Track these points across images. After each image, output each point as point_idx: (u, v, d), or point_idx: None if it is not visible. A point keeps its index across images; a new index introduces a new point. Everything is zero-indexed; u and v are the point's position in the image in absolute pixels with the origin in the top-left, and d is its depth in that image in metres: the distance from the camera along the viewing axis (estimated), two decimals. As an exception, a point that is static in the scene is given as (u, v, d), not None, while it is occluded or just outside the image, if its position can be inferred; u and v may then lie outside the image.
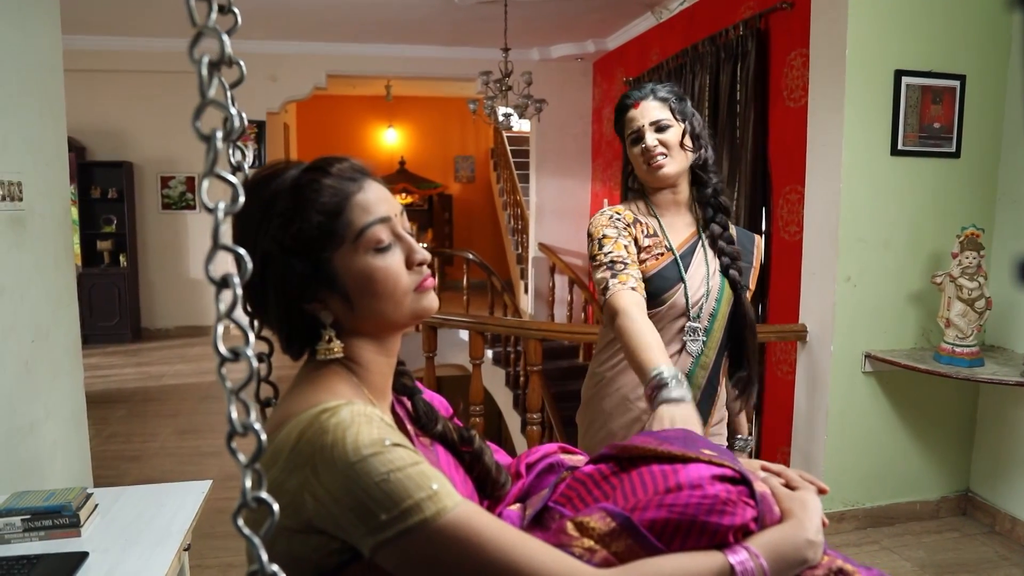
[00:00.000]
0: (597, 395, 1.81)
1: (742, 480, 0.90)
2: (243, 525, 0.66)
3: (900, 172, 3.05)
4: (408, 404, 1.04)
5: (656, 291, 1.70)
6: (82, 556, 1.60)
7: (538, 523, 0.97)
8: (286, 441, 0.79)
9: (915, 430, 3.24)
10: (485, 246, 10.46)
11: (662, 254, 1.73)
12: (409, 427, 0.99)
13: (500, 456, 1.16)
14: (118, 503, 1.93)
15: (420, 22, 6.27)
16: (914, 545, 3.08)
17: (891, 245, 3.08)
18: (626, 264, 1.63)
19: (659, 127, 1.68)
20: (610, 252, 1.65)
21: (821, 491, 1.01)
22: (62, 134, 2.54)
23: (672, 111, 1.69)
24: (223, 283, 0.67)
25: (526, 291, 8.29)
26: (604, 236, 1.68)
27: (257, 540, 0.67)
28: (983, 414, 3.30)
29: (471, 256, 7.09)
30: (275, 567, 0.68)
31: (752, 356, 1.72)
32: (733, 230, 1.79)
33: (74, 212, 6.82)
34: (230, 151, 1.00)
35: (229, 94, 0.97)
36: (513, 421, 5.99)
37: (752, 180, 4.08)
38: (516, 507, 1.05)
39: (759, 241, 1.82)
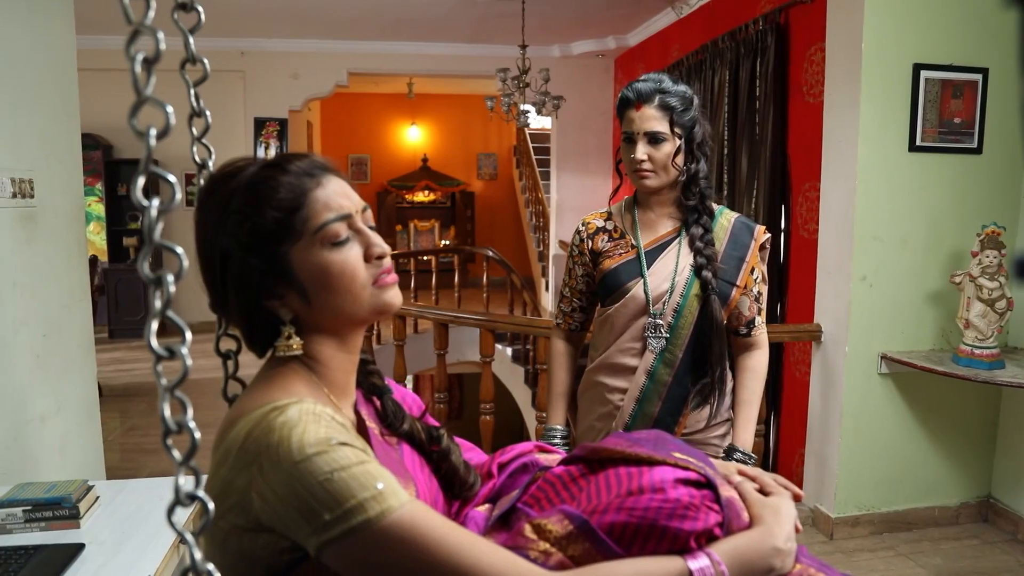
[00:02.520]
0: (581, 388, 1.87)
1: (707, 484, 0.88)
2: (176, 522, 0.66)
3: (918, 169, 2.98)
4: (377, 403, 1.04)
5: (613, 285, 1.75)
6: (78, 547, 1.62)
7: (505, 524, 0.95)
8: (236, 439, 0.79)
9: (934, 433, 3.16)
10: (507, 243, 10.46)
11: (625, 252, 1.76)
12: (373, 425, 0.98)
13: (474, 455, 1.15)
14: (120, 495, 1.95)
15: (440, 19, 6.28)
16: (931, 552, 3.01)
17: (909, 243, 3.01)
18: (562, 297, 1.90)
19: (653, 139, 1.66)
20: (564, 277, 1.90)
21: (796, 497, 0.99)
22: (76, 132, 2.58)
23: (672, 123, 1.66)
24: (157, 281, 0.67)
25: (547, 288, 8.27)
26: (567, 259, 1.90)
27: (190, 538, 0.67)
28: (1006, 418, 3.21)
29: (491, 253, 7.08)
30: (210, 566, 0.68)
31: (716, 362, 1.68)
32: (730, 221, 1.76)
33: (101, 209, 6.95)
34: (193, 149, 1.01)
35: (193, 92, 0.98)
36: (532, 419, 5.98)
37: (771, 177, 4.02)
38: (484, 508, 1.03)
39: (759, 232, 1.76)
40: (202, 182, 0.97)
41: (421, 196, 10.77)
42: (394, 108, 10.71)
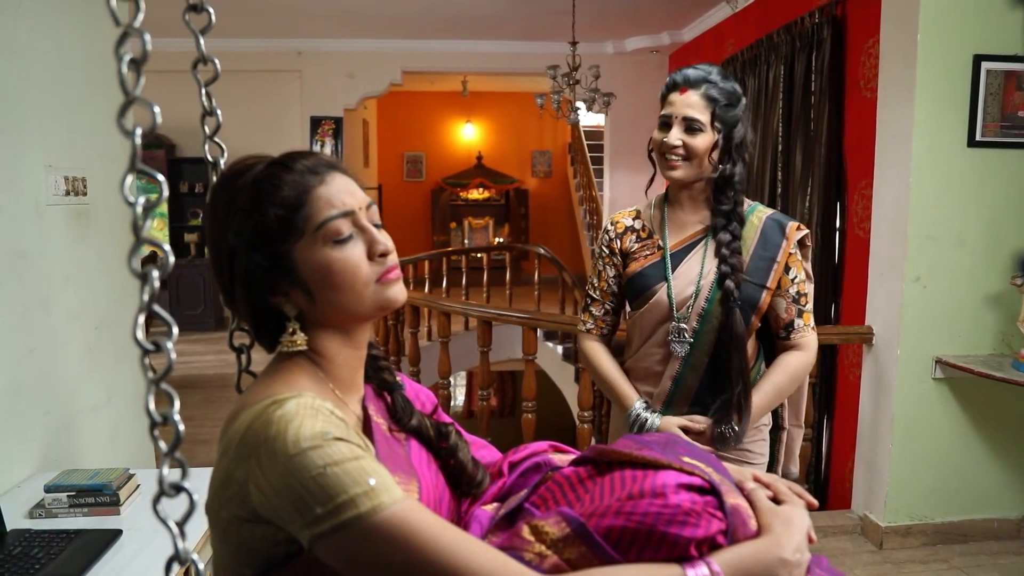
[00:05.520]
0: None
1: (711, 490, 0.85)
2: (161, 510, 0.68)
3: (978, 165, 2.84)
4: (387, 398, 1.04)
5: (638, 289, 1.70)
6: (116, 533, 1.68)
7: (510, 524, 0.94)
8: (237, 431, 0.80)
9: (993, 442, 3.02)
10: (561, 241, 10.43)
11: (651, 253, 1.70)
12: (381, 421, 0.98)
13: (487, 453, 1.14)
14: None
15: (493, 17, 6.29)
16: (988, 566, 2.87)
17: (967, 243, 2.88)
18: (592, 300, 1.81)
19: (690, 127, 1.59)
20: (591, 279, 1.82)
21: (810, 506, 0.95)
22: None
23: (713, 116, 1.59)
24: (143, 277, 0.68)
25: (599, 287, 8.20)
26: (594, 260, 1.82)
27: (174, 527, 0.68)
28: (1073, 427, 3.04)
29: (542, 251, 7.07)
30: (194, 555, 0.69)
31: (737, 377, 1.58)
32: (761, 220, 1.66)
33: (163, 206, 7.21)
34: (205, 147, 1.03)
35: (204, 91, 1.00)
36: (579, 418, 5.93)
37: (826, 175, 3.91)
38: (492, 506, 1.03)
39: (791, 229, 1.65)
40: (214, 180, 0.99)
41: (475, 194, 10.82)
42: (449, 106, 10.78)
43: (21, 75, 2.08)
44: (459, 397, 11.81)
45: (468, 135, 11.10)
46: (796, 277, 1.66)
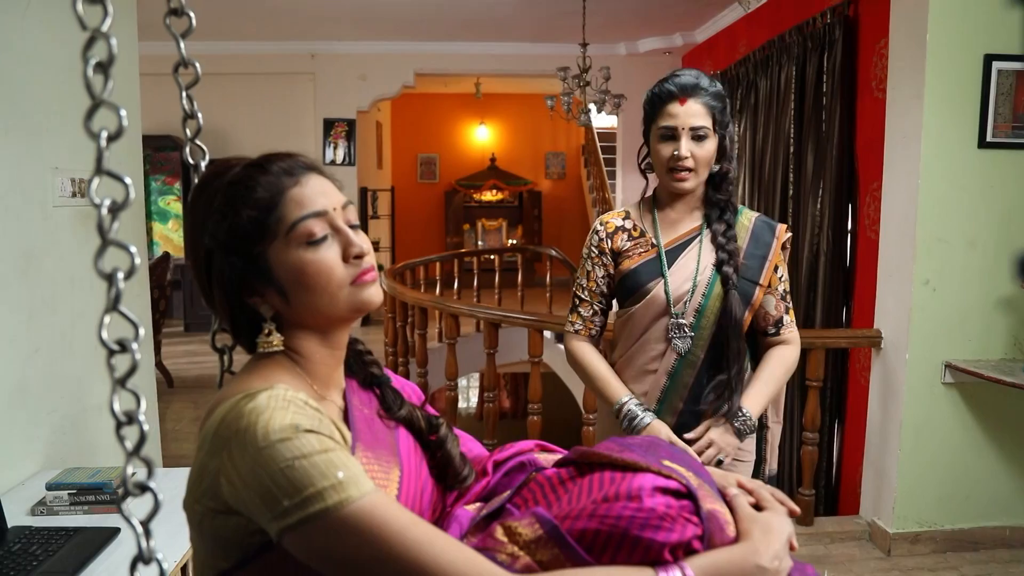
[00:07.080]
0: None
1: (688, 495, 0.85)
2: (125, 508, 0.68)
3: (989, 166, 2.80)
4: (376, 391, 1.04)
5: (632, 286, 1.70)
6: (114, 531, 1.70)
7: (489, 524, 0.94)
8: (212, 425, 0.81)
9: (1004, 448, 2.97)
10: (575, 243, 10.36)
11: (645, 251, 1.71)
12: (366, 410, 0.98)
13: (473, 446, 1.14)
14: (162, 483, 2.02)
15: (505, 19, 6.30)
16: (999, 575, 2.83)
17: (977, 245, 2.83)
18: (580, 300, 1.79)
19: (697, 136, 1.61)
20: (579, 280, 1.80)
21: (792, 512, 0.94)
22: (136, 135, 2.70)
23: (714, 121, 1.62)
24: (109, 278, 0.68)
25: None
26: (583, 260, 1.80)
27: (138, 527, 0.69)
28: (1088, 433, 2.99)
29: (554, 252, 7.07)
30: (159, 555, 0.70)
31: (734, 359, 1.62)
32: (751, 220, 1.71)
33: (179, 207, 7.28)
34: (187, 150, 1.03)
35: (185, 94, 1.00)
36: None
37: (837, 176, 3.87)
38: (474, 506, 1.02)
39: (781, 230, 1.71)
40: (195, 181, 1.00)
41: (489, 195, 10.83)
42: (463, 108, 10.80)
43: (28, 77, 2.10)
44: (471, 399, 11.80)
45: (482, 137, 11.11)
46: (783, 276, 1.72)
